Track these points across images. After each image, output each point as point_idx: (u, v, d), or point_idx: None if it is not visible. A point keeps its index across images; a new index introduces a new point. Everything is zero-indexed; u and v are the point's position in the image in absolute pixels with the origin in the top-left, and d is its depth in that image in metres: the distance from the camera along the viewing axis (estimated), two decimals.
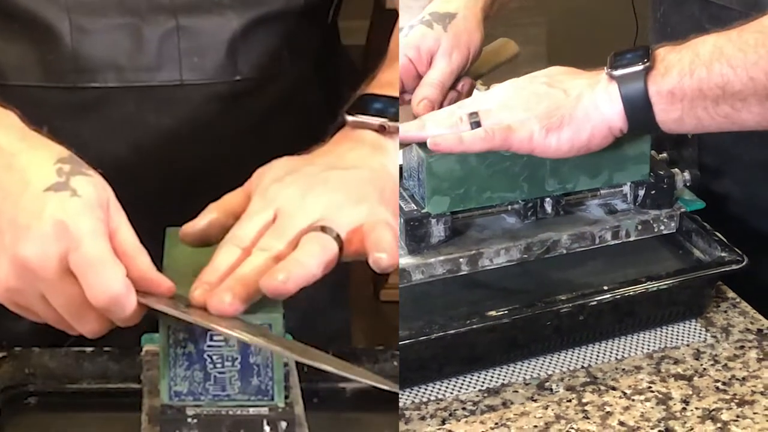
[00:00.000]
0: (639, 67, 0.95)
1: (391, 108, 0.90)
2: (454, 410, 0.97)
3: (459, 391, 0.99)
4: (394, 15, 1.05)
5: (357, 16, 1.06)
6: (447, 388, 1.00)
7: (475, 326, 0.97)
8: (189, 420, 0.78)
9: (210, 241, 0.83)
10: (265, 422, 0.79)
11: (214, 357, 0.79)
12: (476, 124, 0.98)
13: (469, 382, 1.00)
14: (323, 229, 0.80)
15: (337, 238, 0.80)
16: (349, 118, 0.89)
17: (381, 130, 0.89)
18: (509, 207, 1.06)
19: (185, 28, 0.97)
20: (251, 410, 0.79)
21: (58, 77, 0.96)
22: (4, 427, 0.85)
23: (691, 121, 0.96)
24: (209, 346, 0.79)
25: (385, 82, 0.93)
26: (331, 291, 1.15)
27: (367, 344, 1.01)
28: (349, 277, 1.28)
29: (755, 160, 1.20)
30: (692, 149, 1.09)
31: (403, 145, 1.00)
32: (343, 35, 1.18)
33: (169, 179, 0.98)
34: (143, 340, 0.88)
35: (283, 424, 0.78)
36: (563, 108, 0.97)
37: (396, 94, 0.92)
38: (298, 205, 0.81)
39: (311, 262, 0.77)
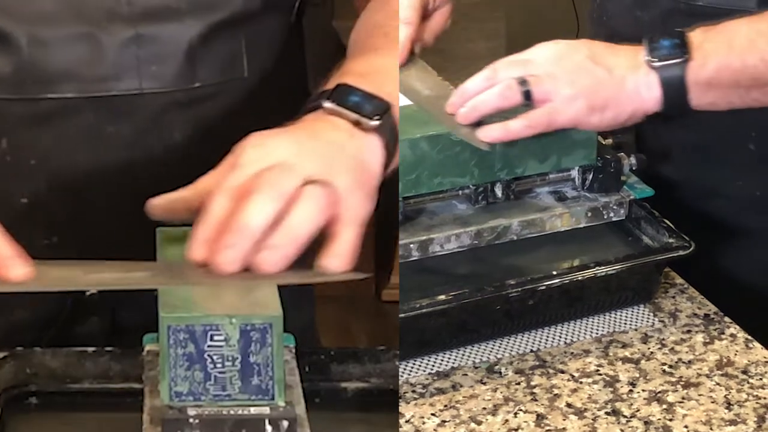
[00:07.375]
0: (678, 60, 1.01)
1: (367, 105, 0.88)
2: (404, 393, 0.98)
3: (409, 375, 1.00)
4: None
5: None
6: None
7: (425, 310, 0.98)
8: (191, 420, 0.77)
9: (174, 216, 0.83)
10: (266, 422, 0.78)
11: (215, 357, 0.78)
12: (527, 94, 1.01)
13: (419, 366, 1.01)
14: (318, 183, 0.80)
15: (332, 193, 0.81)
16: (327, 104, 0.88)
17: (356, 124, 0.88)
18: (460, 192, 1.07)
19: (144, 37, 0.96)
20: (252, 410, 0.79)
21: (16, 89, 0.95)
22: (6, 427, 0.85)
23: (723, 104, 1.04)
24: (209, 346, 0.78)
25: (359, 72, 0.92)
26: (296, 287, 1.14)
27: (368, 344, 1.01)
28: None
29: (694, 144, 1.21)
30: (630, 134, 1.11)
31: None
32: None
33: (130, 189, 0.97)
34: (145, 340, 0.87)
35: (285, 424, 0.78)
36: (607, 89, 1.02)
37: (371, 90, 0.90)
38: (291, 162, 0.81)
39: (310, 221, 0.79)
